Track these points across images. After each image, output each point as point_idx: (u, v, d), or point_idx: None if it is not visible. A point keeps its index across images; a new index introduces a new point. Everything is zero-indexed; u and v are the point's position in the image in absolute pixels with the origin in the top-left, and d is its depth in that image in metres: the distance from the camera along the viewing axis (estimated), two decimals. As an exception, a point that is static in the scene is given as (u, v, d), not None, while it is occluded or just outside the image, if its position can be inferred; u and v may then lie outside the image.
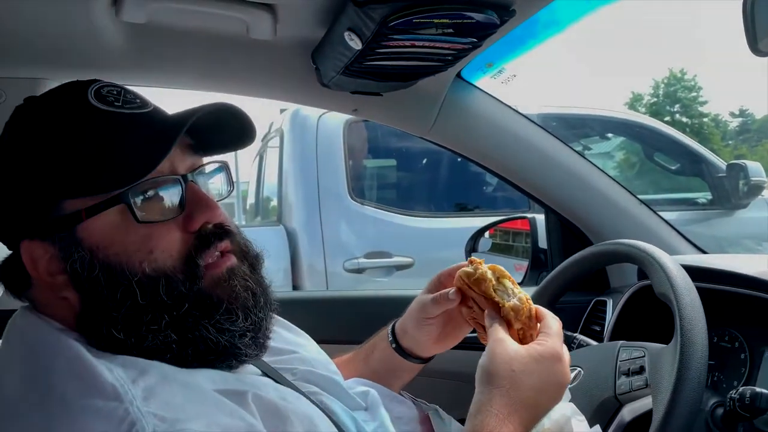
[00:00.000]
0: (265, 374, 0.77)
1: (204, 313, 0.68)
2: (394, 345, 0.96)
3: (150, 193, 0.67)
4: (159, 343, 0.66)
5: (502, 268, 0.81)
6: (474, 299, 0.83)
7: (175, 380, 0.63)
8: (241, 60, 1.20)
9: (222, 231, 0.72)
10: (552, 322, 0.77)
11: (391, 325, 0.99)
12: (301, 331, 0.94)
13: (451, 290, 0.85)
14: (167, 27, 1.08)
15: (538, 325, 0.78)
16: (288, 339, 0.89)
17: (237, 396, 0.65)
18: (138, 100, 0.72)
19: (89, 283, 0.66)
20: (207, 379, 0.66)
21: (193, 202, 0.70)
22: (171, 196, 0.69)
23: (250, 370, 0.75)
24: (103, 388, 0.58)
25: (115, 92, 0.71)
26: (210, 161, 0.77)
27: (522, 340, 0.77)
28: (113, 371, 0.60)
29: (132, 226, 0.66)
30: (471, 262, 0.83)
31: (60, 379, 0.60)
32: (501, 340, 0.74)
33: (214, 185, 0.78)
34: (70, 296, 0.67)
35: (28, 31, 1.06)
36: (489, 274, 0.80)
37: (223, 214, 0.73)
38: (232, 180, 0.81)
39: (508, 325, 0.77)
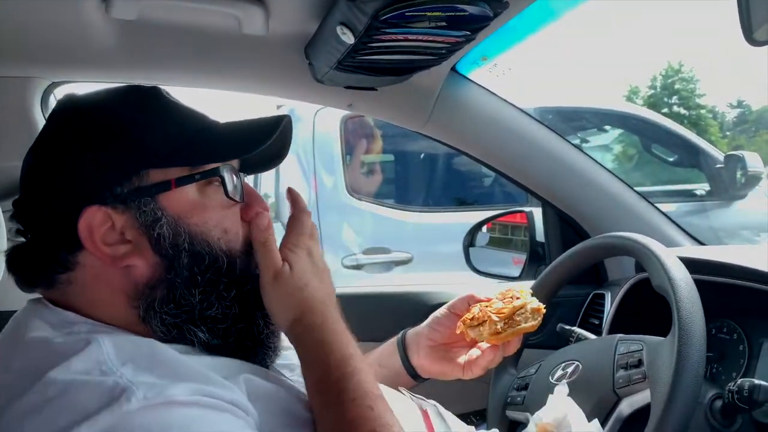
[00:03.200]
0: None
1: (260, 302, 0.74)
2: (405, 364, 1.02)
3: (231, 175, 0.74)
4: (221, 311, 0.71)
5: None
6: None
7: (166, 358, 0.64)
8: (234, 56, 1.19)
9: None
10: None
11: (400, 345, 1.03)
12: None
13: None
14: (158, 23, 1.07)
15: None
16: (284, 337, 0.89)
17: (228, 375, 0.66)
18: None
19: (174, 248, 0.69)
20: (200, 362, 0.67)
21: (250, 194, 0.78)
22: (239, 184, 0.76)
23: (246, 363, 0.75)
24: (88, 366, 0.59)
25: (170, 95, 0.77)
26: None
27: None
28: (102, 345, 0.61)
29: (211, 203, 0.72)
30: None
31: (44, 362, 0.60)
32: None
33: None
34: (138, 263, 0.69)
35: (18, 30, 1.05)
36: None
37: (268, 207, 0.81)
38: None
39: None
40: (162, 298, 0.69)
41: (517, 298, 0.89)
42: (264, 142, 0.73)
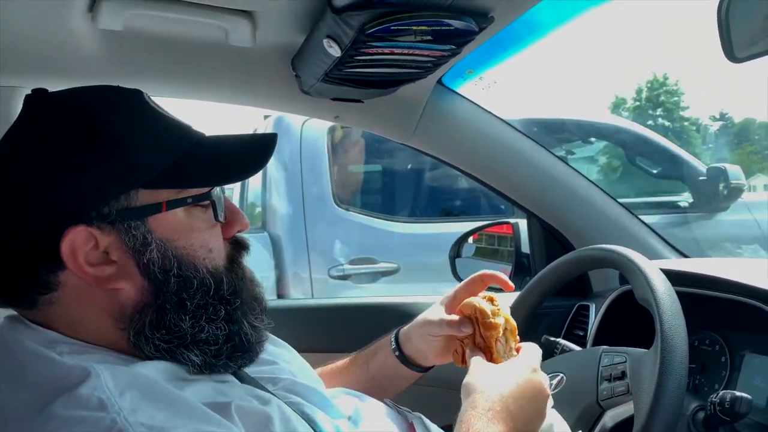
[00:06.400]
0: (247, 385, 0.76)
1: (245, 310, 0.74)
2: (397, 353, 0.98)
3: (219, 197, 0.73)
4: (211, 334, 0.70)
5: (515, 326, 0.84)
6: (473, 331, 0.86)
7: (163, 392, 0.62)
8: (221, 67, 1.19)
9: (245, 239, 0.79)
10: (529, 347, 0.83)
11: (394, 332, 1.01)
12: (281, 341, 0.93)
13: (463, 321, 0.88)
14: (145, 34, 1.07)
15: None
16: (269, 349, 0.88)
17: (221, 408, 0.65)
18: None
19: (163, 273, 0.68)
20: (193, 392, 0.66)
21: (231, 212, 0.76)
22: (223, 204, 0.75)
23: (232, 381, 0.75)
24: (88, 400, 0.58)
25: (157, 104, 0.75)
26: None
27: None
28: (101, 377, 0.59)
29: (196, 225, 0.71)
30: (491, 300, 0.86)
31: (43, 392, 0.59)
32: (481, 360, 0.80)
33: None
34: (125, 287, 0.67)
35: (1, 39, 1.04)
36: (500, 327, 0.83)
37: (248, 224, 0.79)
38: None
39: None
40: (152, 322, 0.68)
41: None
42: (258, 167, 0.73)
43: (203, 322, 0.70)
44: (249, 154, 0.75)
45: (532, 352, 0.82)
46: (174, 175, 0.69)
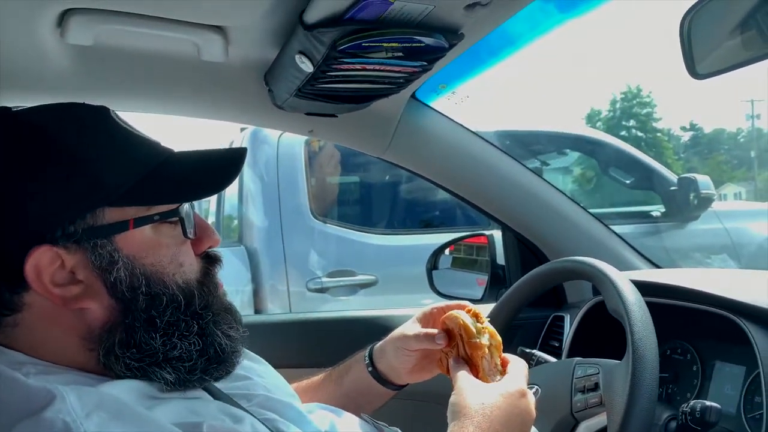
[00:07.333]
0: (220, 401, 0.75)
1: (218, 321, 0.74)
2: (370, 368, 0.97)
3: (188, 213, 0.73)
4: (184, 350, 0.70)
5: (500, 341, 0.83)
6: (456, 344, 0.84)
7: (131, 413, 0.61)
8: (194, 82, 1.19)
9: (217, 254, 0.78)
10: (517, 364, 0.82)
11: (368, 349, 1.00)
12: (256, 356, 0.92)
13: (439, 335, 0.87)
14: (116, 49, 1.05)
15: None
16: (243, 365, 0.87)
17: (193, 428, 0.64)
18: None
19: (131, 291, 0.67)
20: (164, 412, 0.65)
21: (202, 228, 0.76)
22: (193, 220, 0.74)
23: (205, 397, 0.74)
24: (53, 423, 0.56)
25: (124, 121, 0.75)
26: None
27: None
28: (66, 400, 0.58)
29: (165, 241, 0.70)
30: (476, 317, 0.84)
31: (8, 414, 0.58)
32: (467, 377, 0.78)
33: None
34: (92, 306, 0.67)
35: (-32, 54, 1.03)
36: (486, 347, 0.81)
37: (219, 240, 0.79)
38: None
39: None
40: (121, 341, 0.67)
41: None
42: (225, 183, 0.72)
43: (175, 339, 0.69)
44: (216, 169, 0.74)
45: (520, 373, 0.80)
46: (141, 193, 0.68)
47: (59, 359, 0.67)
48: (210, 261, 0.77)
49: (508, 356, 0.83)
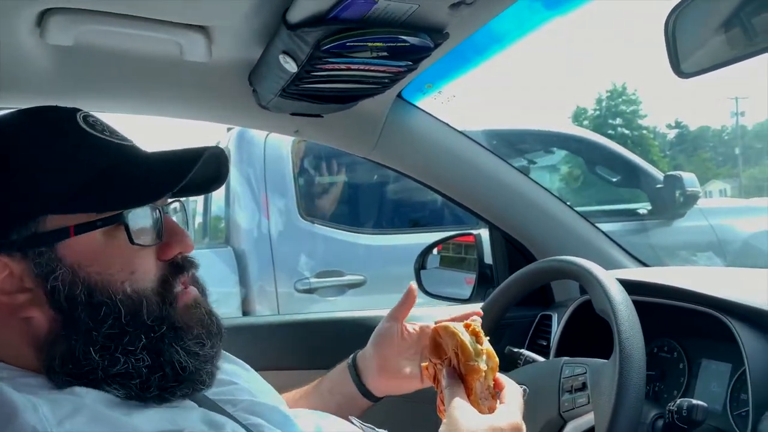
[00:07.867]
0: (204, 408, 0.74)
1: (177, 336, 0.69)
2: (356, 380, 1.01)
3: (141, 218, 0.69)
4: (130, 366, 0.66)
5: (497, 363, 0.74)
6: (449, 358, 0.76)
7: (106, 422, 0.60)
8: (177, 82, 1.17)
9: (190, 262, 0.75)
10: (512, 391, 0.75)
11: (352, 364, 1.02)
12: (240, 361, 0.91)
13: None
14: (97, 49, 1.04)
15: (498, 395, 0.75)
16: (226, 369, 0.87)
17: None
18: (119, 134, 0.74)
19: (69, 301, 0.65)
20: (142, 420, 0.64)
21: (171, 233, 0.72)
22: (155, 224, 0.70)
23: (188, 404, 0.73)
24: (22, 430, 0.55)
25: (99, 122, 0.73)
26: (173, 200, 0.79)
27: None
28: (39, 410, 0.57)
29: (117, 247, 0.67)
30: (476, 335, 0.74)
31: None
32: (463, 406, 0.70)
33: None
34: (37, 315, 0.66)
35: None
36: (483, 372, 0.72)
37: (193, 247, 0.75)
38: (188, 220, 0.80)
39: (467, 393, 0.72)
40: (62, 355, 0.65)
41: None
42: (175, 186, 0.68)
43: (118, 354, 0.66)
44: (168, 174, 0.70)
45: (516, 404, 0.73)
46: (86, 199, 0.66)
47: (16, 362, 0.66)
48: (174, 270, 0.72)
49: (503, 379, 0.76)
